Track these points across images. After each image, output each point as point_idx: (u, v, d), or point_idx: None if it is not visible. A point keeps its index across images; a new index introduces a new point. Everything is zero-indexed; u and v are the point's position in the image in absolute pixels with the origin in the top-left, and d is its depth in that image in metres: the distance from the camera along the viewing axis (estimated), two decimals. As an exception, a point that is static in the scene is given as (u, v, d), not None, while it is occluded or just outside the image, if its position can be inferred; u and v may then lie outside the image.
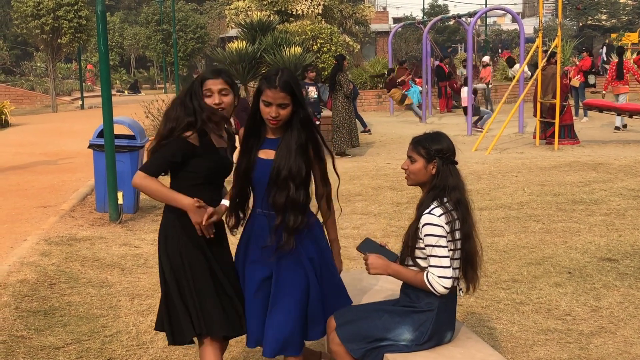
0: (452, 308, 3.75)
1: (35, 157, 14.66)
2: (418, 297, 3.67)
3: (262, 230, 3.73)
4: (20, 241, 7.93)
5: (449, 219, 3.56)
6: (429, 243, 3.55)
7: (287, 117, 3.63)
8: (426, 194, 3.70)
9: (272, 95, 3.54)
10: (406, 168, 3.75)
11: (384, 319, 3.67)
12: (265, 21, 18.35)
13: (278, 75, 3.57)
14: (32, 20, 29.58)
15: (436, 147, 3.68)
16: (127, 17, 62.09)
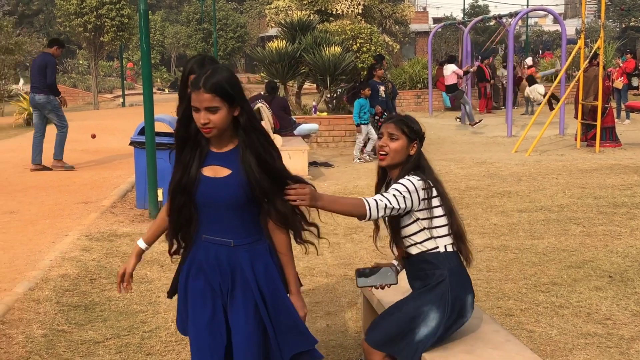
0: (462, 271, 3.78)
1: (77, 154, 14.85)
2: (427, 276, 3.69)
3: (207, 261, 3.24)
4: (61, 236, 8.04)
5: (425, 186, 3.60)
6: (394, 186, 3.57)
7: (223, 123, 3.09)
8: (400, 172, 3.69)
9: (196, 98, 3.03)
10: (385, 145, 3.68)
11: (405, 310, 3.67)
12: (305, 20, 18.38)
13: (205, 75, 3.05)
14: (76, 18, 29.98)
15: (417, 127, 3.74)
16: (168, 15, 62.63)
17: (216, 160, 3.19)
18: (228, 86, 3.06)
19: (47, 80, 12.80)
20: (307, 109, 18.15)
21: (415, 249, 3.70)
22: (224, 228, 3.19)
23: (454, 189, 10.73)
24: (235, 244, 3.19)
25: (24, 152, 15.34)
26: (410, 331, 3.63)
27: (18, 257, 7.24)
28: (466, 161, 13.81)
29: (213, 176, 3.17)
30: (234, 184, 3.13)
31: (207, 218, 3.23)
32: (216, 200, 3.15)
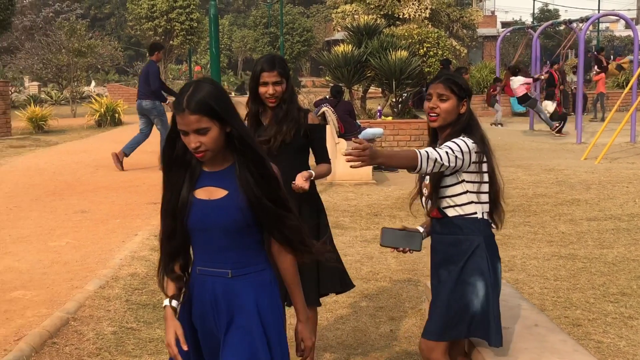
0: (494, 240, 3.69)
1: (146, 155, 15.13)
2: (459, 242, 3.57)
3: (202, 299, 2.88)
4: (131, 236, 8.21)
5: (478, 149, 3.52)
6: (447, 144, 3.45)
7: (216, 144, 2.77)
8: (451, 132, 3.58)
9: (182, 121, 2.73)
10: (436, 107, 3.56)
11: (451, 290, 3.56)
12: (372, 25, 18.39)
13: (187, 93, 2.73)
14: (146, 22, 30.63)
15: (465, 85, 3.63)
16: (235, 20, 63.39)
17: (210, 180, 2.86)
18: (214, 102, 2.73)
19: (151, 86, 13.20)
20: (372, 113, 18.15)
21: (452, 211, 3.57)
22: (221, 257, 2.85)
23: (521, 196, 10.60)
24: (234, 274, 2.84)
25: (95, 152, 15.73)
26: (465, 308, 3.53)
27: (89, 255, 7.43)
28: (534, 168, 13.62)
29: (207, 198, 2.83)
30: (231, 206, 2.79)
31: (202, 246, 2.88)
32: (212, 226, 2.81)
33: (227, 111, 2.76)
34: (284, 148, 4.22)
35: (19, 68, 40.15)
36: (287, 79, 4.28)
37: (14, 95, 29.24)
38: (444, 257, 3.64)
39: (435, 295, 3.68)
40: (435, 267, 3.72)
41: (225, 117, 2.74)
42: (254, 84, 4.27)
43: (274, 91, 4.20)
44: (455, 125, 3.58)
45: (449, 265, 3.60)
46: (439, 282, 3.65)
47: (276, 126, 4.22)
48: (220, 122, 2.73)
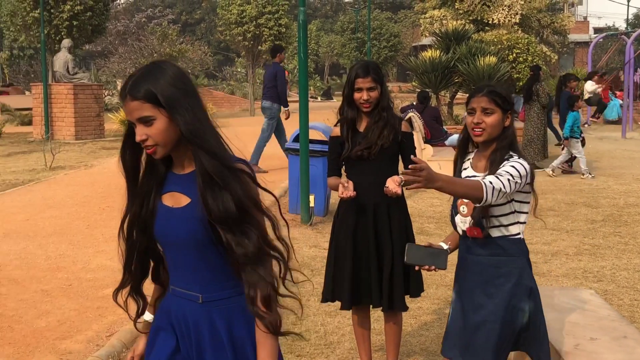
0: (528, 251, 3.53)
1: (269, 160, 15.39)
2: (501, 263, 3.39)
3: (176, 316, 2.51)
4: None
5: (532, 170, 3.38)
6: (507, 170, 3.26)
7: (166, 137, 2.38)
8: (498, 147, 3.41)
9: (125, 109, 2.42)
10: (481, 122, 3.38)
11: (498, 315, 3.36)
12: (461, 30, 18.25)
13: (134, 76, 2.41)
14: (236, 27, 31.10)
15: (509, 96, 3.47)
16: (323, 25, 63.78)
17: (176, 185, 2.48)
18: (158, 87, 2.34)
19: (278, 88, 13.51)
20: (459, 119, 18.00)
21: (497, 231, 3.39)
22: (190, 277, 2.46)
23: (611, 206, 10.33)
24: (205, 299, 2.44)
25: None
26: (515, 332, 3.39)
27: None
28: (626, 177, 13.25)
29: (171, 206, 2.46)
30: (192, 217, 2.39)
31: (171, 262, 2.53)
32: (173, 238, 2.44)
33: (173, 99, 2.34)
34: (380, 153, 4.31)
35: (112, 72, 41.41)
36: (382, 85, 4.34)
37: (107, 98, 30.12)
38: (483, 280, 3.44)
39: (479, 319, 3.43)
40: (469, 289, 3.49)
41: (171, 106, 2.33)
42: (348, 89, 4.34)
43: (368, 97, 4.27)
44: (501, 140, 3.42)
45: (489, 288, 3.42)
46: (475, 305, 3.44)
47: (377, 132, 4.28)
48: (169, 111, 2.34)
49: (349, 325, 5.51)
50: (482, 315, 3.40)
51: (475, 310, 3.43)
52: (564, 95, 14.41)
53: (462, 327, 3.48)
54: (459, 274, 3.59)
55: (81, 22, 23.42)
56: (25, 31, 24.89)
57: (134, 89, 2.34)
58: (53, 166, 14.44)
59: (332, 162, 4.54)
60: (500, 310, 3.36)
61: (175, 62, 30.66)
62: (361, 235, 4.39)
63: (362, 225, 4.37)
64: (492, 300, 3.39)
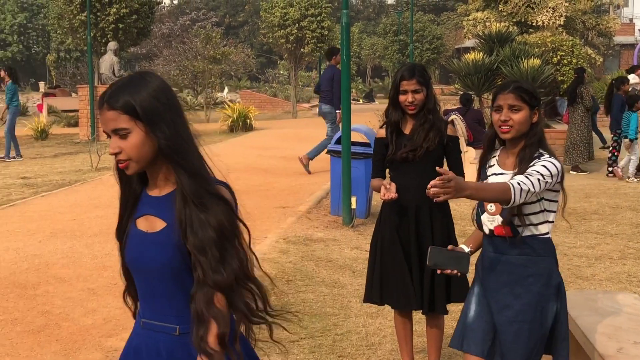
0: (555, 251, 3.49)
1: (276, 160, 15.50)
2: (530, 262, 3.35)
3: (147, 351, 2.34)
4: (261, 238, 8.44)
5: (562, 169, 3.34)
6: (538, 169, 3.23)
7: (140, 153, 2.23)
8: (527, 144, 3.37)
9: (101, 119, 2.29)
10: (508, 119, 3.33)
11: (530, 317, 3.32)
12: (504, 32, 18.14)
13: (114, 86, 2.29)
14: (278, 30, 31.27)
15: (536, 92, 3.43)
16: (365, 27, 63.79)
17: (151, 207, 2.31)
18: (137, 98, 2.21)
19: (335, 92, 13.60)
20: (502, 122, 17.87)
21: (527, 230, 3.35)
22: (165, 308, 2.29)
23: (658, 210, 10.20)
24: (182, 330, 2.27)
25: (227, 157, 16.19)
26: (546, 334, 3.37)
27: (221, 255, 7.68)
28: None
29: (145, 230, 2.30)
30: (167, 243, 2.23)
31: (142, 292, 2.35)
32: (147, 266, 2.28)
33: (154, 113, 2.20)
34: (425, 156, 4.34)
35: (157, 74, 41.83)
36: (428, 87, 4.37)
37: (152, 100, 30.48)
38: (510, 280, 3.40)
39: (509, 320, 3.38)
40: (494, 289, 3.44)
41: (150, 120, 2.20)
42: (394, 92, 4.39)
43: (413, 99, 4.30)
44: (529, 137, 3.37)
45: (517, 288, 3.38)
46: (501, 306, 3.40)
47: (423, 134, 4.32)
48: (149, 125, 2.20)
49: (390, 327, 5.53)
50: (509, 316, 3.37)
51: (502, 310, 3.40)
52: (616, 98, 14.20)
53: (487, 326, 3.44)
54: (483, 273, 3.53)
55: (127, 25, 23.75)
56: (72, 34, 25.32)
57: (112, 98, 2.22)
58: (99, 167, 14.69)
59: (376, 163, 4.58)
60: (529, 311, 3.34)
61: (219, 64, 31.10)
62: (403, 237, 4.42)
63: (404, 227, 4.40)
64: (519, 300, 3.36)
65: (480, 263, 3.55)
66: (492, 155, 3.56)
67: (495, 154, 3.55)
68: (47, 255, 7.67)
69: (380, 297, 4.54)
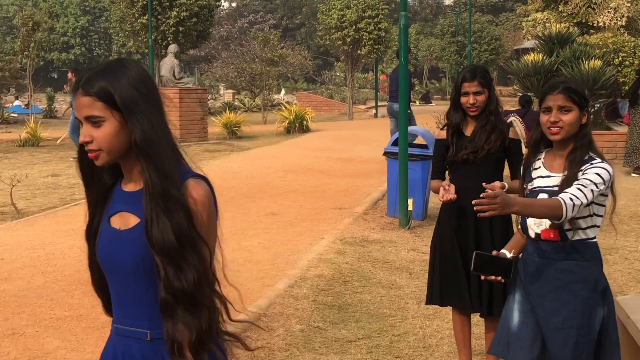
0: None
1: (332, 162, 15.56)
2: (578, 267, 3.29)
3: None
4: (318, 239, 8.51)
5: (613, 173, 3.29)
6: (592, 179, 3.18)
7: (113, 144, 2.11)
8: (576, 146, 3.32)
9: (74, 105, 2.14)
10: (558, 120, 3.28)
11: (578, 323, 3.27)
12: (564, 33, 17.91)
13: (91, 72, 2.16)
14: (335, 32, 31.37)
15: (585, 93, 3.36)
16: (422, 28, 63.52)
17: (124, 203, 2.19)
18: (116, 86, 2.09)
19: None
20: (561, 124, 17.65)
21: (574, 234, 3.29)
22: (137, 311, 2.17)
23: None
24: (154, 336, 2.15)
25: (284, 158, 16.35)
26: (591, 341, 3.31)
27: (279, 255, 7.79)
28: None
29: (118, 228, 2.18)
30: (140, 240, 2.10)
31: (114, 295, 2.22)
32: (119, 265, 2.15)
33: (132, 102, 2.08)
34: (486, 158, 4.35)
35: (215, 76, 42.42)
36: (489, 89, 4.38)
37: (211, 102, 30.88)
38: (556, 285, 3.34)
39: (546, 328, 3.34)
40: (539, 294, 3.38)
41: (128, 109, 2.08)
42: (455, 93, 4.41)
43: (475, 100, 4.32)
44: (579, 139, 3.33)
45: (564, 294, 3.32)
46: (548, 312, 3.34)
47: (484, 136, 4.33)
48: (127, 115, 2.08)
49: (448, 329, 5.55)
50: (556, 323, 3.32)
51: (548, 317, 3.35)
52: None
53: (533, 334, 3.37)
54: (525, 279, 3.46)
55: (187, 27, 24.13)
56: (133, 37, 25.82)
57: (88, 84, 2.09)
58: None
59: (436, 165, 4.61)
60: (577, 317, 3.29)
61: (276, 66, 31.44)
62: (462, 239, 4.44)
63: (463, 229, 4.41)
64: (567, 306, 3.31)
65: (522, 268, 3.49)
66: (536, 158, 3.51)
67: (540, 157, 3.50)
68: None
69: (441, 298, 4.57)
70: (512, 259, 3.45)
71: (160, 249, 2.04)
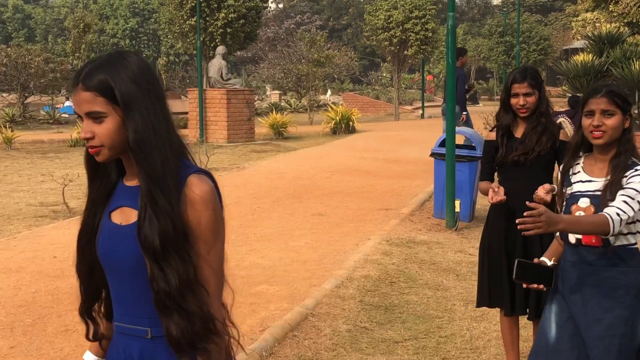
0: None
1: (378, 162, 15.57)
2: (621, 274, 3.22)
3: None
4: (364, 240, 8.53)
5: None
6: (635, 187, 3.13)
7: (115, 139, 2.05)
8: (619, 151, 3.26)
9: (74, 100, 2.09)
10: (601, 124, 3.23)
11: (623, 336, 3.21)
12: (615, 33, 17.66)
13: (91, 65, 2.07)
14: (382, 32, 31.36)
15: (628, 97, 3.30)
16: (470, 29, 63.08)
17: (125, 198, 2.13)
18: (118, 80, 2.02)
19: (457, 93, 13.67)
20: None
21: (617, 239, 3.24)
22: (138, 309, 2.11)
23: None
24: (155, 334, 2.09)
25: (330, 159, 16.40)
26: (634, 348, 3.25)
27: (326, 256, 7.83)
28: None
29: (119, 223, 2.12)
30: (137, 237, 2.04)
31: (115, 292, 2.17)
32: (118, 262, 2.10)
33: (132, 97, 2.02)
34: (536, 160, 4.34)
35: (262, 77, 42.68)
36: (540, 90, 4.36)
37: (257, 103, 31.09)
38: (598, 292, 3.28)
39: (589, 335, 3.28)
40: (581, 302, 3.32)
41: (127, 105, 2.01)
42: (505, 94, 4.40)
43: (525, 102, 4.31)
44: (623, 143, 3.28)
45: (606, 301, 3.26)
46: (590, 319, 3.28)
47: (535, 138, 4.32)
48: (126, 110, 2.02)
49: (495, 331, 5.53)
50: (599, 331, 3.26)
51: (591, 325, 3.29)
52: None
53: (574, 343, 3.31)
54: (564, 286, 3.40)
55: (234, 29, 24.31)
56: (181, 38, 26.09)
57: (88, 78, 2.02)
58: (207, 167, 15.09)
59: (485, 166, 4.61)
60: (620, 324, 3.23)
61: (323, 67, 31.58)
62: (510, 242, 4.43)
63: (511, 232, 4.40)
64: (609, 314, 3.25)
65: (560, 276, 3.42)
66: (575, 162, 3.47)
67: (579, 161, 3.46)
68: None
69: (489, 300, 4.57)
70: (552, 267, 3.39)
71: (145, 250, 1.99)
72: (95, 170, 2.16)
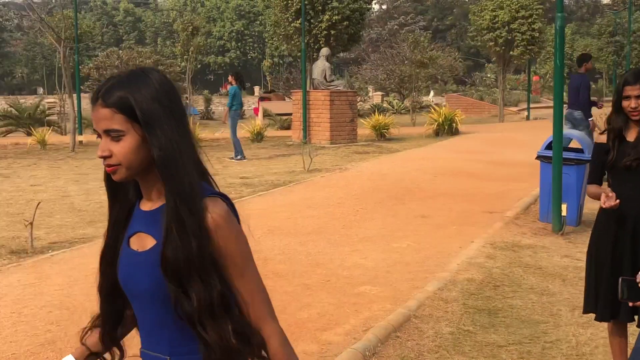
0: None
1: (483, 165, 15.40)
2: None
3: None
4: (467, 242, 8.49)
5: None
6: None
7: (133, 159, 1.98)
8: None
9: (93, 116, 2.02)
10: (637, 106, 3.93)
11: None
12: None
13: (111, 82, 2.03)
14: (487, 33, 30.94)
15: None
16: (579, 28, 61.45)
17: (142, 224, 2.08)
18: (138, 98, 1.96)
19: (580, 98, 13.65)
20: None
21: None
22: (157, 336, 2.07)
23: None
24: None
25: (433, 160, 16.34)
26: None
27: (429, 258, 7.83)
28: None
29: (136, 249, 2.07)
30: (156, 263, 1.98)
31: (138, 318, 2.13)
32: (137, 289, 2.05)
33: (154, 115, 1.96)
34: None
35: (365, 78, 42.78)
36: None
37: (360, 104, 31.21)
38: None
39: None
40: None
41: (149, 123, 1.95)
42: (617, 97, 4.31)
43: (637, 105, 4.20)
44: None
45: None
46: None
47: None
48: (148, 129, 1.96)
49: (602, 338, 5.42)
50: None
51: None
52: None
53: None
54: None
55: (338, 31, 24.51)
56: (286, 40, 26.48)
57: (107, 95, 1.97)
58: (310, 168, 15.30)
59: (594, 169, 4.52)
60: None
61: (426, 68, 31.44)
62: (619, 248, 4.34)
63: (621, 237, 4.31)
64: None
65: None
66: None
67: None
68: (266, 251, 8.15)
69: (596, 306, 4.49)
70: None
71: (166, 272, 1.94)
72: (115, 190, 2.12)
